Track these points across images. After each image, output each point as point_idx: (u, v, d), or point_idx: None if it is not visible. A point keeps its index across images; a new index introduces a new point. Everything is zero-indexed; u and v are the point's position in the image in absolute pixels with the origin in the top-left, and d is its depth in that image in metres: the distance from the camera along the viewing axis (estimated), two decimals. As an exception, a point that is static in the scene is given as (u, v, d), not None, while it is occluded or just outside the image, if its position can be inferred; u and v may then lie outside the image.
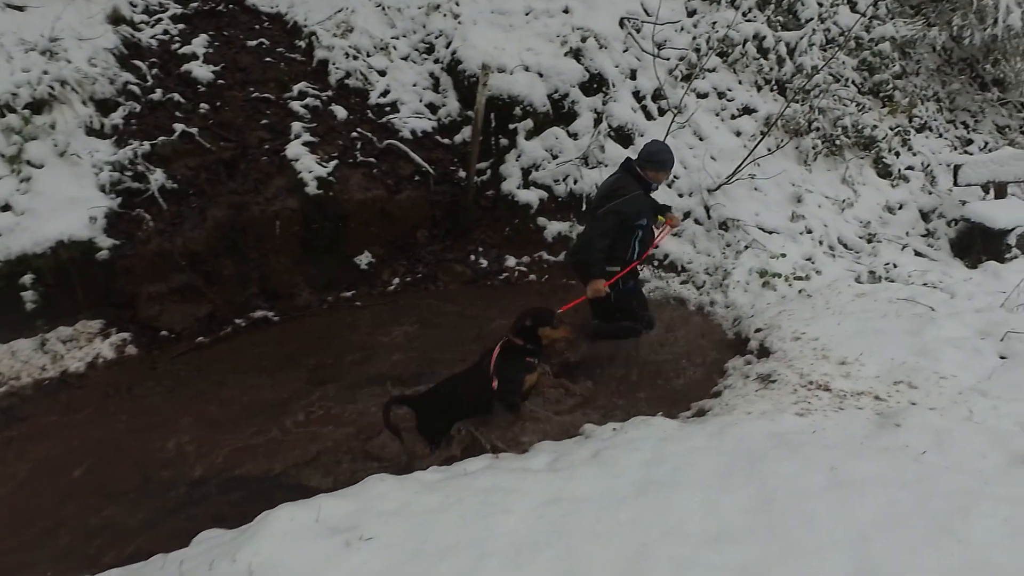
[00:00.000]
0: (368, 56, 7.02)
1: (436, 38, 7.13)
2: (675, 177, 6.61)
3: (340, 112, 6.49)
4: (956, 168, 7.18)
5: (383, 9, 7.36)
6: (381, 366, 4.85)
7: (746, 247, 6.07)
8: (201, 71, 6.35)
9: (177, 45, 6.62)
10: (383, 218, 6.12)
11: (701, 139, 6.94)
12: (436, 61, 7.08)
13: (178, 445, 3.96)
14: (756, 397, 3.89)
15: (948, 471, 2.98)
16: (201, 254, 5.38)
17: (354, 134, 6.36)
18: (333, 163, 5.97)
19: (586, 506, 2.70)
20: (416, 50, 7.22)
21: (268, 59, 6.83)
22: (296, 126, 6.10)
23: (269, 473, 3.74)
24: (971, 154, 8.17)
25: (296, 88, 6.51)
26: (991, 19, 8.08)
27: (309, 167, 5.80)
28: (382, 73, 6.97)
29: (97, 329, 5.00)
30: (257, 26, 7.35)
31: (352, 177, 6.03)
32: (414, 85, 7.00)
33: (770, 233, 6.32)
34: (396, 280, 6.10)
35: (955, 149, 8.32)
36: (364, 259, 6.02)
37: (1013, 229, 6.71)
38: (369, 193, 6.04)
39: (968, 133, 8.69)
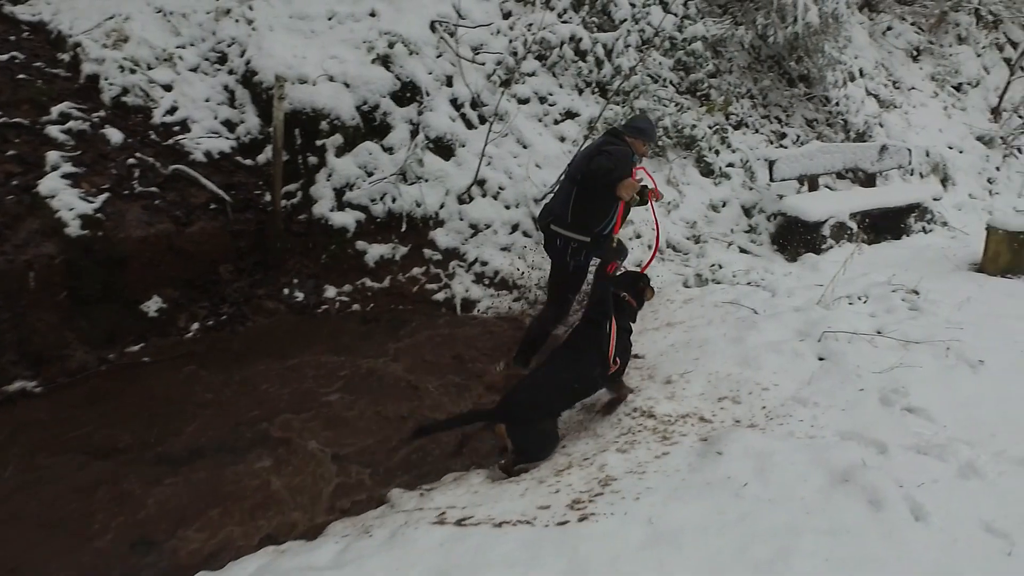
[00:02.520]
0: (149, 69, 6.16)
1: (229, 47, 6.39)
2: (500, 188, 6.31)
3: (115, 136, 5.60)
4: (771, 163, 7.41)
5: (164, 15, 6.49)
6: (179, 437, 4.12)
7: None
8: (-73, 95, 5.26)
9: (-101, 64, 5.47)
10: (173, 255, 5.34)
11: (525, 147, 6.69)
12: (231, 72, 6.34)
13: None
14: (580, 432, 3.61)
15: (770, 504, 2.80)
16: (-70, 321, 4.39)
17: (132, 160, 5.51)
18: (103, 197, 5.11)
19: (369, 618, 2.25)
20: (207, 60, 6.43)
21: (22, 76, 5.78)
22: (53, 156, 5.16)
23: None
24: (786, 147, 8.52)
25: (56, 110, 5.55)
26: (791, 17, 8.45)
27: (70, 204, 4.92)
28: (167, 88, 6.14)
29: None
30: (13, 37, 6.24)
31: (129, 211, 5.20)
32: (207, 100, 6.22)
33: (600, 240, 6.17)
34: (196, 325, 5.35)
35: (771, 143, 8.65)
36: (153, 305, 5.21)
37: (826, 220, 7.01)
38: (152, 229, 5.23)
39: (782, 127, 9.08)
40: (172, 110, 6.03)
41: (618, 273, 4.51)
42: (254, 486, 3.64)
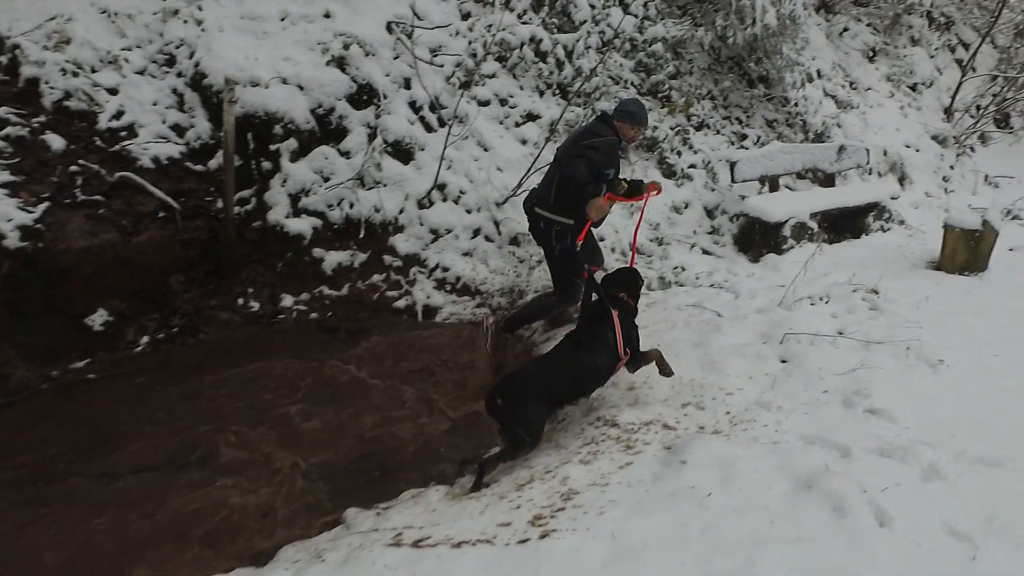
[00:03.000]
0: (93, 72, 5.91)
1: (177, 48, 6.16)
2: (461, 192, 6.21)
3: (56, 142, 5.36)
4: (732, 164, 7.42)
5: (109, 16, 6.23)
6: (127, 457, 3.92)
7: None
8: None
9: None
10: (120, 266, 5.13)
11: (486, 149, 6.59)
12: (179, 75, 6.11)
13: None
14: (542, 443, 3.52)
15: (735, 513, 2.74)
16: None
17: (74, 168, 5.28)
18: (43, 206, 4.89)
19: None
20: (154, 63, 6.19)
21: (-45, 81, 5.53)
22: (-12, 164, 4.93)
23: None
24: (746, 148, 8.55)
25: (-8, 116, 5.30)
26: (750, 19, 8.49)
27: (7, 214, 4.69)
28: (113, 91, 5.88)
29: None
30: (-54, 39, 5.96)
31: (71, 221, 4.98)
32: (154, 104, 5.99)
33: (563, 244, 6.10)
34: (145, 339, 5.15)
35: (732, 144, 8.67)
36: (99, 318, 5.00)
37: (787, 221, 7.04)
38: (96, 239, 5.03)
39: (742, 128, 9.12)
40: (118, 115, 5.79)
41: (603, 274, 4.52)
42: (206, 509, 3.48)
